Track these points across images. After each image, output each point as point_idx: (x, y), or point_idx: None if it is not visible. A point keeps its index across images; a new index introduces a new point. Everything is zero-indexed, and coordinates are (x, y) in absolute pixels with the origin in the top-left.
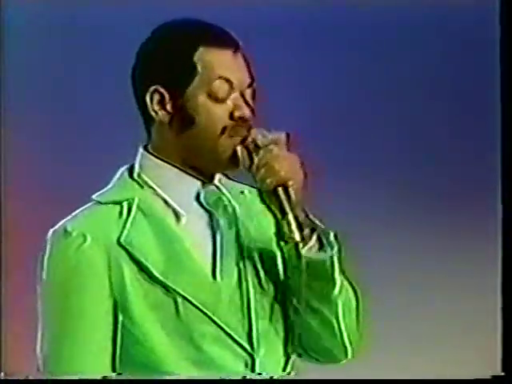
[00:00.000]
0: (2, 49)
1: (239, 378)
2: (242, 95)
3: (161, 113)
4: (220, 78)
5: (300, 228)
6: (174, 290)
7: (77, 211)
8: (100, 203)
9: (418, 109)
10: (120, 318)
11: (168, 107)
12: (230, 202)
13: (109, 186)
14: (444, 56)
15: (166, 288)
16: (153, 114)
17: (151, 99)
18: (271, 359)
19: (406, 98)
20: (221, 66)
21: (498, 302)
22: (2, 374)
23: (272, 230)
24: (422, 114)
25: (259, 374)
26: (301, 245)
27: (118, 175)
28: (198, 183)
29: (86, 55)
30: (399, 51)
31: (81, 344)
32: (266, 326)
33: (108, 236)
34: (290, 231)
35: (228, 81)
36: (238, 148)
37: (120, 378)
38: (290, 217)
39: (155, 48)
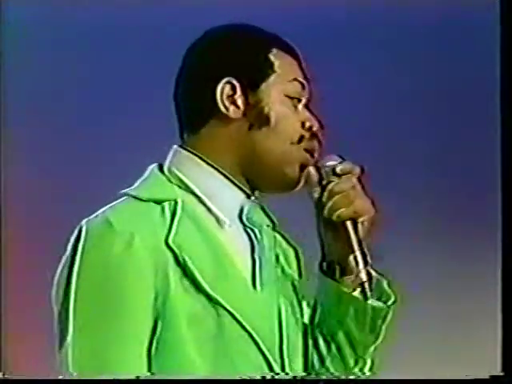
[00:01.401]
0: (2, 49)
1: (242, 378)
2: (307, 107)
3: (232, 108)
4: (295, 80)
5: (366, 266)
6: (218, 302)
7: (114, 203)
8: (138, 199)
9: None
10: (159, 328)
11: (239, 102)
12: (271, 221)
13: (141, 183)
14: (443, 56)
15: (210, 298)
16: (222, 108)
17: (221, 92)
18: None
19: (405, 99)
20: (293, 69)
21: (498, 302)
22: (1, 374)
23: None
24: (422, 115)
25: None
26: (366, 285)
27: (148, 173)
28: (242, 196)
29: (86, 55)
30: (397, 52)
31: (115, 350)
32: (294, 342)
33: (155, 236)
34: (358, 269)
35: (302, 85)
36: (311, 168)
37: (120, 378)
38: (358, 254)
39: (229, 39)
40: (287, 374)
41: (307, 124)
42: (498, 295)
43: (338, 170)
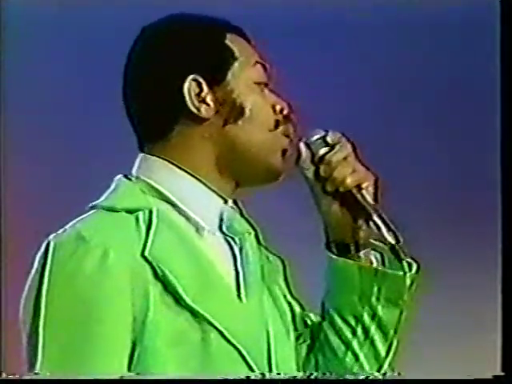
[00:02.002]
0: (2, 49)
1: (241, 378)
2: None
3: (203, 107)
4: (257, 63)
5: (389, 229)
6: (202, 317)
7: (83, 216)
8: (109, 211)
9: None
10: (137, 352)
11: (208, 99)
12: (252, 228)
13: (110, 194)
14: (443, 56)
15: (194, 313)
16: (193, 109)
17: (189, 92)
18: None
19: (404, 100)
20: (251, 52)
21: (498, 301)
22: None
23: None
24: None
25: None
26: (398, 247)
27: (115, 183)
28: (221, 202)
29: (86, 56)
30: (396, 51)
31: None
32: (284, 356)
33: (131, 249)
34: (381, 233)
35: (264, 67)
36: (301, 144)
37: (120, 378)
38: (376, 217)
39: (180, 33)
40: (286, 374)
41: (278, 107)
42: (498, 295)
43: (329, 139)
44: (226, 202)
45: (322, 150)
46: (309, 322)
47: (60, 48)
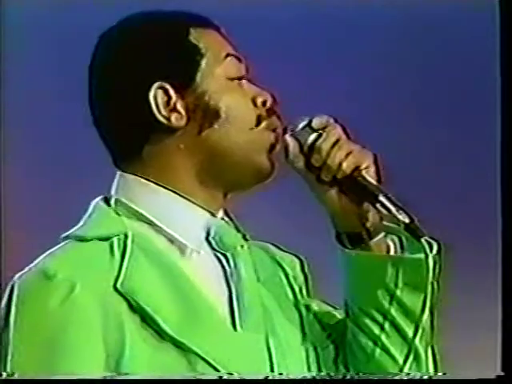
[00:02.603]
0: (2, 49)
1: (240, 378)
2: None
3: (174, 116)
4: (228, 55)
5: (399, 208)
6: (188, 349)
7: (52, 250)
8: (82, 240)
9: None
10: None
11: (179, 106)
12: (245, 240)
13: (85, 221)
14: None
15: (178, 345)
16: (162, 119)
17: (156, 101)
18: None
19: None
20: (221, 44)
21: (499, 301)
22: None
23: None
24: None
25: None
26: (413, 225)
27: (92, 208)
28: (207, 215)
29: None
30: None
31: None
32: (291, 368)
33: (102, 281)
34: (392, 213)
35: (237, 58)
36: (286, 137)
37: (120, 378)
38: (383, 198)
39: (139, 36)
40: (287, 374)
41: (259, 100)
42: (498, 295)
43: (314, 125)
44: (214, 214)
45: (310, 138)
46: (334, 323)
47: (60, 48)
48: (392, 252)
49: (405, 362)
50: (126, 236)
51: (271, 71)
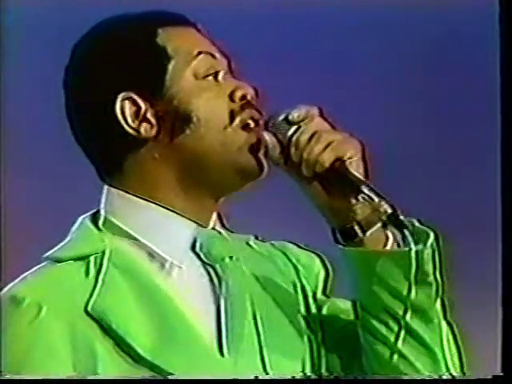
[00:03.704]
0: (2, 49)
1: (240, 378)
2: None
3: (143, 127)
4: (200, 53)
5: (382, 198)
6: (167, 373)
7: (27, 273)
8: (58, 261)
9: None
10: None
11: (149, 115)
12: (236, 251)
13: (67, 239)
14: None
15: (156, 371)
16: (131, 131)
17: (123, 113)
18: None
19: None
20: (194, 42)
21: (498, 302)
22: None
23: (292, 291)
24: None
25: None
26: (396, 215)
27: (77, 224)
28: (193, 226)
29: None
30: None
31: None
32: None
33: (71, 304)
34: (375, 203)
35: (211, 55)
36: (264, 133)
37: (120, 378)
38: (365, 188)
39: (103, 47)
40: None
41: (237, 94)
42: (498, 295)
43: (291, 117)
44: (202, 224)
45: (289, 133)
46: (345, 326)
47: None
48: (390, 243)
49: (424, 365)
50: (103, 254)
51: (260, 66)
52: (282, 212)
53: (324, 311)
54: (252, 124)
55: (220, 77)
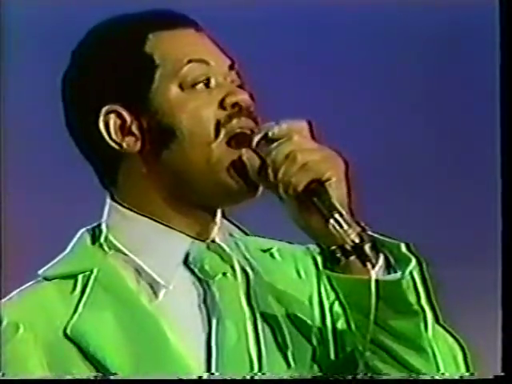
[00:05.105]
0: (2, 49)
1: (240, 378)
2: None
3: (126, 141)
4: (190, 61)
5: (352, 227)
6: None
7: (16, 291)
8: (47, 279)
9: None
10: None
11: (134, 128)
12: (237, 265)
13: (62, 255)
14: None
15: None
16: (115, 145)
17: (107, 127)
18: None
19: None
20: (186, 47)
21: (499, 301)
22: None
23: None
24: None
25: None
26: (365, 248)
27: (76, 238)
28: (188, 240)
29: None
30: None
31: None
32: None
33: (50, 325)
34: (343, 232)
35: (203, 62)
36: (243, 151)
37: (120, 378)
38: (337, 215)
39: (91, 58)
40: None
41: (229, 101)
42: (498, 295)
43: (270, 134)
44: (197, 238)
45: (269, 151)
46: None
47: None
48: (378, 267)
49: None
50: (91, 273)
51: (257, 71)
52: None
53: (339, 325)
54: (240, 136)
55: (212, 83)
